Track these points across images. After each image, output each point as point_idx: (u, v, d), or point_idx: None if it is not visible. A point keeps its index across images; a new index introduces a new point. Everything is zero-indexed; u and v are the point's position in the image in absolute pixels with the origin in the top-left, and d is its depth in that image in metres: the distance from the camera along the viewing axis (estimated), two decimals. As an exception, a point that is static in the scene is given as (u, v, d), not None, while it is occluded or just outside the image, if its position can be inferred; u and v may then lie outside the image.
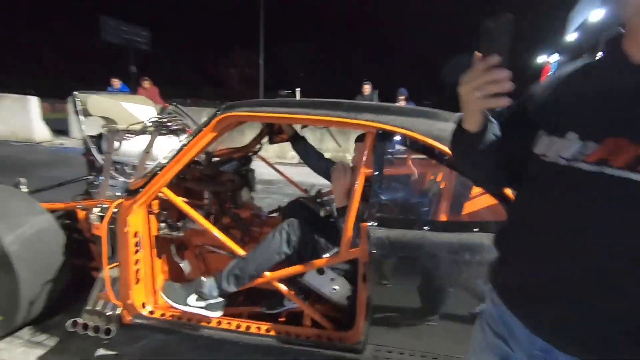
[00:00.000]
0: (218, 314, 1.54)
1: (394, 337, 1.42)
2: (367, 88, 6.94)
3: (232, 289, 1.52)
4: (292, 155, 4.36)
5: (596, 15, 19.58)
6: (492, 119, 0.69)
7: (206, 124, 1.47)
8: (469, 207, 1.58)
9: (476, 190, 1.58)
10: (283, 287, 1.54)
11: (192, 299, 1.52)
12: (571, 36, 26.43)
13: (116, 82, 7.68)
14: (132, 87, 8.85)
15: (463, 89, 0.64)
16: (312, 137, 4.54)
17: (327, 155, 2.11)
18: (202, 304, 1.51)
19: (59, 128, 7.87)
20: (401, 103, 6.33)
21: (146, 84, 7.83)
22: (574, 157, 0.59)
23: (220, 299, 1.54)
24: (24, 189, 2.01)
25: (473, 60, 0.62)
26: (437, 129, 1.37)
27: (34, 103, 7.41)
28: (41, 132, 7.52)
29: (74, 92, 1.97)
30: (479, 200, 1.54)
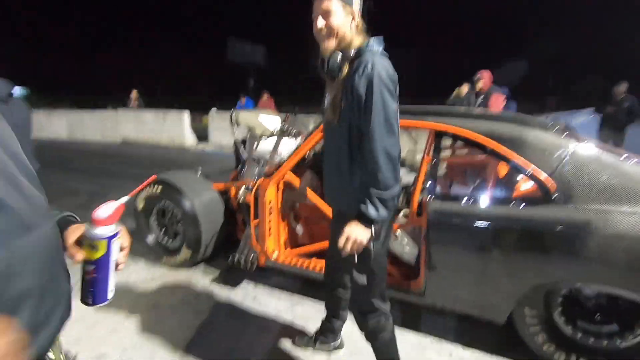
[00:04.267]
0: None
1: (446, 287, 1.87)
2: (466, 86, 6.95)
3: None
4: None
5: None
6: None
7: (314, 129, 2.17)
8: (519, 191, 1.92)
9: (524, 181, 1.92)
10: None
11: None
12: None
13: (243, 100, 9.34)
14: (252, 97, 10.44)
15: None
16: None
17: (403, 151, 2.63)
18: None
19: (199, 135, 9.92)
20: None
21: (265, 96, 9.31)
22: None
23: None
24: (199, 174, 3.04)
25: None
26: (484, 128, 1.79)
27: (186, 116, 9.55)
28: (190, 139, 9.64)
29: (232, 110, 2.93)
30: (525, 185, 1.87)
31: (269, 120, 2.90)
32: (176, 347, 1.91)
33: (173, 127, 9.70)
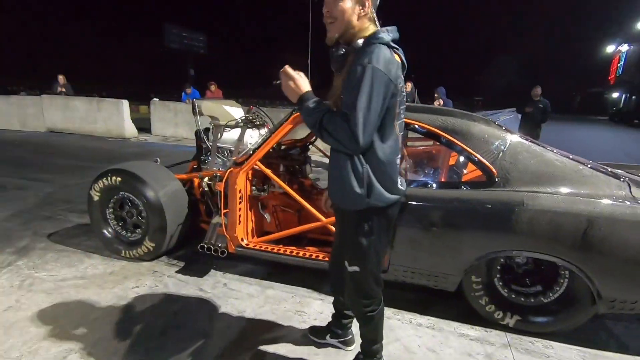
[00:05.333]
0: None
1: (407, 263, 2.10)
2: (408, 85, 7.47)
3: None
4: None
5: (668, 0, 17.93)
6: None
7: (286, 119, 2.27)
8: (467, 176, 2.23)
9: (470, 166, 2.22)
10: (333, 228, 2.29)
11: None
12: (641, 23, 24.30)
13: (189, 90, 8.97)
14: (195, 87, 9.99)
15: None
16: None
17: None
18: None
19: (136, 125, 9.30)
20: (439, 101, 6.81)
21: (212, 87, 9.04)
22: None
23: None
24: (159, 164, 2.96)
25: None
26: (438, 121, 2.04)
27: (125, 105, 8.91)
28: (130, 129, 9.03)
29: (193, 100, 2.90)
30: (473, 172, 2.17)
31: (233, 110, 2.92)
32: (151, 334, 1.90)
33: (110, 117, 8.99)
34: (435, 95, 6.85)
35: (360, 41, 1.24)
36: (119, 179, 2.56)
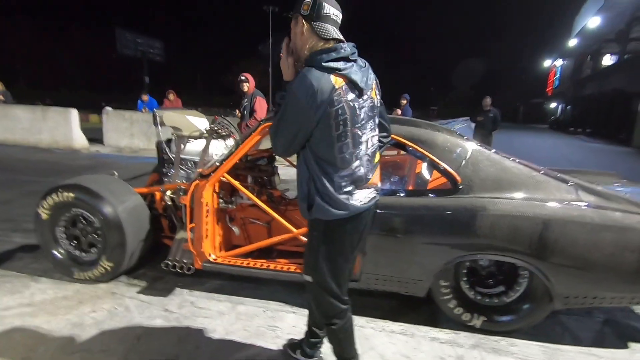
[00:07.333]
0: None
1: (378, 272, 2.13)
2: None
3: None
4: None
5: (594, 21, 20.09)
6: None
7: (255, 129, 2.23)
8: (431, 184, 2.31)
9: (435, 174, 2.31)
10: (304, 239, 2.27)
11: None
12: (572, 41, 27.02)
13: (145, 97, 8.58)
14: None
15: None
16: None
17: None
18: None
19: (88, 137, 8.74)
20: (398, 111, 7.09)
21: (171, 95, 8.73)
22: None
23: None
24: (116, 177, 2.78)
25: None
26: (404, 130, 2.11)
27: (74, 114, 8.33)
28: (80, 140, 8.44)
29: (154, 110, 2.77)
30: (437, 180, 2.26)
31: (197, 120, 2.83)
32: (112, 364, 1.77)
33: (57, 127, 8.36)
34: (404, 101, 7.17)
35: (302, 65, 1.25)
36: (71, 194, 2.37)
